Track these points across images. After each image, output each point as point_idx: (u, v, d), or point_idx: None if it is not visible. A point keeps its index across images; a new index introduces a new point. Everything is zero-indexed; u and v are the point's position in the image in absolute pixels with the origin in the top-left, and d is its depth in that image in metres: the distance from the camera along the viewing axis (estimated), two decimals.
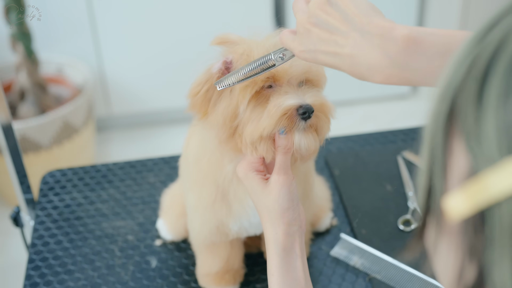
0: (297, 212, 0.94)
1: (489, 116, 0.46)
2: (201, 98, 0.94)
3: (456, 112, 0.49)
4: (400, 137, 1.57)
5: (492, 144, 0.46)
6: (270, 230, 0.93)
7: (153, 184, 1.45)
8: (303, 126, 0.92)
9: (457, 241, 0.50)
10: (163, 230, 1.29)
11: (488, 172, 0.46)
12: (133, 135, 3.01)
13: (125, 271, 1.23)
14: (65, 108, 2.45)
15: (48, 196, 1.42)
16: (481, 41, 0.49)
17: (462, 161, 0.49)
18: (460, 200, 0.49)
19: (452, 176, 0.50)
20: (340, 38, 0.79)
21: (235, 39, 0.95)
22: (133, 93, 2.92)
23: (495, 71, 0.47)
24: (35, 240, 1.30)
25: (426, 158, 0.53)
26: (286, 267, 0.92)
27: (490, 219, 0.46)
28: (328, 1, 0.81)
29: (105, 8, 2.69)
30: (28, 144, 2.41)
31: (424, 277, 1.16)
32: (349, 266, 1.22)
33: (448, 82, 0.51)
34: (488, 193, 0.46)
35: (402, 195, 1.36)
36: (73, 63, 2.69)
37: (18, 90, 2.53)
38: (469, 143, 0.48)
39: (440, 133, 0.51)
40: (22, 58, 2.45)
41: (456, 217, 0.49)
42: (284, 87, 0.93)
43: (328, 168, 1.46)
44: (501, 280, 0.46)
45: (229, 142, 0.95)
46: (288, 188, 0.92)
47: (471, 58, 0.49)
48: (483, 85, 0.47)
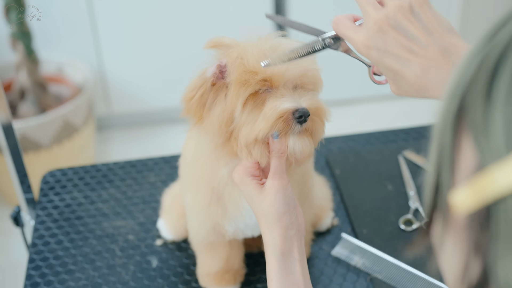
0: (294, 216, 0.94)
1: (498, 112, 0.47)
2: (196, 103, 0.93)
3: (465, 109, 0.50)
4: (401, 136, 1.57)
5: (500, 139, 0.46)
6: (268, 235, 0.93)
7: (154, 184, 1.44)
8: (299, 129, 0.91)
9: (463, 237, 0.51)
10: (163, 230, 1.28)
11: (495, 166, 0.46)
12: (133, 134, 3.00)
13: (125, 271, 1.23)
14: (65, 107, 2.45)
15: (49, 196, 1.42)
16: (491, 40, 0.50)
17: (470, 158, 0.49)
18: (466, 194, 0.49)
19: (459, 172, 0.51)
20: (417, 47, 0.80)
21: (229, 43, 0.94)
22: (133, 92, 2.91)
23: (504, 67, 0.47)
24: (36, 240, 1.30)
25: (434, 155, 0.53)
26: (285, 272, 0.92)
27: (496, 214, 0.47)
28: (411, 9, 0.81)
29: (105, 7, 2.69)
30: (29, 144, 2.41)
31: (425, 277, 1.16)
32: (350, 266, 1.22)
33: (458, 80, 0.51)
34: (494, 187, 0.46)
35: (403, 195, 1.36)
36: (73, 62, 2.69)
37: (18, 89, 2.53)
38: (477, 138, 0.48)
39: (449, 130, 0.51)
40: (22, 57, 2.45)
41: (462, 212, 0.49)
42: (280, 90, 0.92)
43: (329, 167, 1.46)
44: (505, 275, 0.46)
45: (225, 146, 0.95)
46: (284, 192, 0.92)
47: (481, 57, 0.49)
48: (493, 81, 0.48)
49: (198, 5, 2.75)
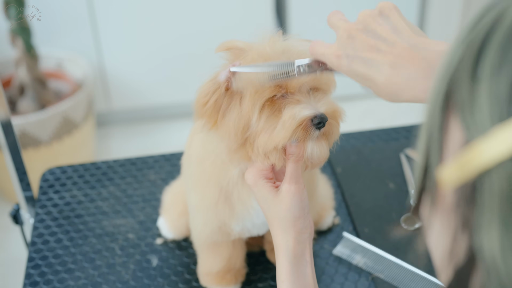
0: (307, 220, 0.94)
1: (483, 88, 0.48)
2: (210, 109, 0.91)
3: (453, 90, 0.51)
4: (403, 134, 1.56)
5: (485, 113, 0.47)
6: (281, 238, 0.93)
7: (154, 182, 1.44)
8: (317, 134, 0.90)
9: (450, 215, 0.52)
10: (164, 228, 1.28)
11: (480, 140, 0.48)
12: (133, 130, 3.00)
13: (125, 270, 1.22)
14: (65, 103, 2.44)
15: (48, 194, 1.41)
16: (476, 25, 0.51)
17: (457, 137, 0.51)
18: (452, 169, 0.50)
19: (447, 152, 0.52)
20: (385, 46, 0.79)
21: (242, 46, 0.92)
22: (133, 88, 2.90)
23: (489, 46, 0.49)
24: (35, 239, 1.29)
25: (423, 138, 0.54)
26: (297, 274, 0.93)
27: (481, 187, 0.48)
28: (380, 13, 0.81)
29: (105, 2, 2.68)
30: (28, 140, 2.40)
31: (427, 277, 1.15)
32: (352, 265, 1.21)
33: (447, 63, 0.52)
34: (479, 161, 0.48)
35: (405, 193, 1.35)
36: (73, 58, 2.68)
37: (17, 85, 2.52)
38: (463, 115, 0.49)
39: (437, 112, 0.52)
40: (21, 53, 2.44)
41: (449, 187, 0.51)
42: (296, 95, 0.91)
43: (330, 165, 1.45)
44: (490, 246, 0.47)
45: (239, 151, 0.94)
46: (300, 197, 0.92)
47: (469, 40, 0.51)
48: (478, 60, 0.49)
49: (198, 1, 2.74)
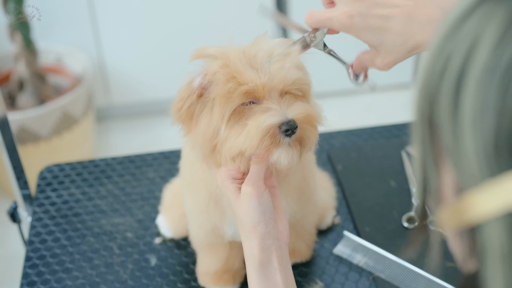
0: (271, 225, 0.91)
1: (467, 135, 0.48)
2: (184, 114, 0.91)
3: (436, 116, 0.51)
4: (404, 131, 1.54)
5: (473, 163, 0.48)
6: (246, 244, 0.91)
7: (153, 180, 1.42)
8: (288, 141, 0.88)
9: (456, 241, 0.54)
10: (163, 226, 1.26)
11: (473, 191, 0.49)
12: (133, 125, 2.98)
13: (124, 270, 1.21)
14: (64, 98, 2.43)
15: (46, 192, 1.39)
16: (454, 35, 0.50)
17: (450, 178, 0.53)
18: (450, 214, 0.51)
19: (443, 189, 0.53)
20: (399, 1, 0.83)
21: (213, 52, 0.91)
22: (133, 82, 2.89)
23: (467, 84, 0.48)
24: (32, 237, 1.28)
25: (418, 150, 0.55)
26: (266, 283, 0.90)
27: (480, 236, 0.49)
28: None
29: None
30: (27, 135, 2.39)
31: (429, 276, 1.14)
32: (353, 265, 1.19)
33: (425, 83, 0.52)
34: (474, 212, 0.49)
35: (406, 191, 1.33)
36: (73, 52, 2.66)
37: (16, 80, 2.50)
38: (451, 158, 0.50)
39: (426, 127, 0.53)
40: (20, 48, 2.42)
41: (448, 228, 0.52)
42: (265, 103, 0.89)
43: (331, 163, 1.43)
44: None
45: (211, 157, 0.93)
46: (257, 200, 0.89)
47: (444, 58, 0.50)
48: (457, 98, 0.49)
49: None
